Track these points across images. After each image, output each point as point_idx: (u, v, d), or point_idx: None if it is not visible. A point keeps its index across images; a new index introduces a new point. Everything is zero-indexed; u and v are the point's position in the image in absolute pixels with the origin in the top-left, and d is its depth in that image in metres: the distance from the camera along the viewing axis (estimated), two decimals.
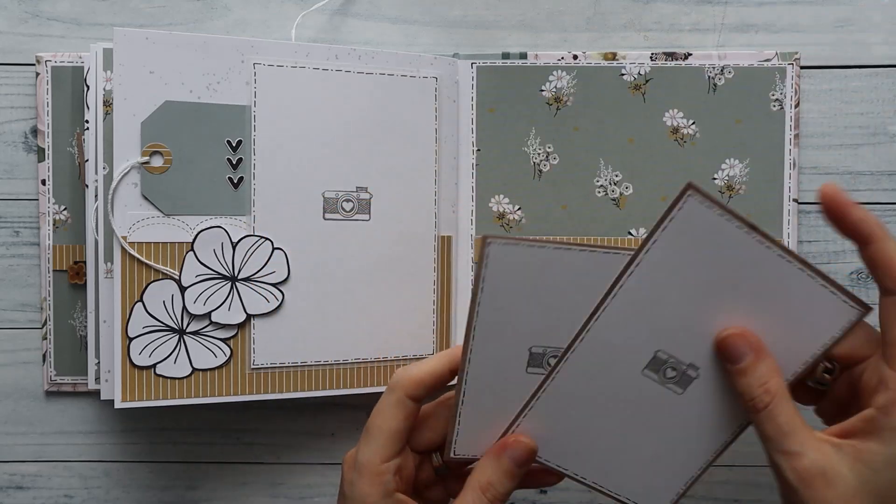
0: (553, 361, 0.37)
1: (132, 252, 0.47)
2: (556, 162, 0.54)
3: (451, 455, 0.40)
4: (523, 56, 0.54)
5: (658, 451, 0.39)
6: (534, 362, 0.37)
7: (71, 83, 0.53)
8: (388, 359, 0.52)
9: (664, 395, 0.37)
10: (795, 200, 0.53)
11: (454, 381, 0.38)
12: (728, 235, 0.34)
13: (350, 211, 0.50)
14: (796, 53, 0.53)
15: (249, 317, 0.49)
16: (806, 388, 0.38)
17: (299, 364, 0.50)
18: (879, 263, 0.35)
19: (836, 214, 0.36)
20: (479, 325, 0.35)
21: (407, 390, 0.39)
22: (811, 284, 0.35)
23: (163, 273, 0.47)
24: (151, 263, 0.47)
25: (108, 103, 0.49)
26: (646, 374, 0.37)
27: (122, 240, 0.47)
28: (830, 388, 0.38)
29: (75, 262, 0.53)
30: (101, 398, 0.49)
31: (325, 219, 0.50)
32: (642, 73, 0.54)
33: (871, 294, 0.53)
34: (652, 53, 0.54)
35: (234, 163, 0.48)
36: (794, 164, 0.53)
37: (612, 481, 0.40)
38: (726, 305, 0.35)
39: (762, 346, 0.36)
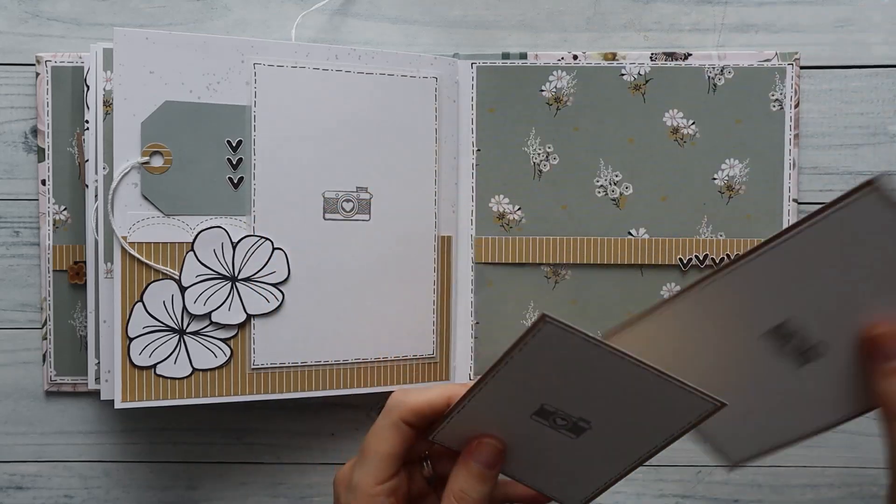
0: (560, 422, 0.37)
1: (132, 252, 0.47)
2: (556, 162, 0.54)
3: (433, 437, 0.40)
4: (523, 56, 0.54)
5: (750, 416, 0.38)
6: (542, 414, 0.37)
7: (71, 83, 0.53)
8: (388, 359, 0.52)
9: (774, 365, 0.36)
10: (795, 200, 0.53)
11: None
12: None
13: (350, 211, 0.50)
14: (796, 53, 0.53)
15: (249, 317, 0.49)
16: None
17: (299, 364, 0.50)
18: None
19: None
20: (504, 371, 0.35)
21: (402, 415, 0.39)
22: None
23: (163, 273, 0.47)
24: (151, 263, 0.47)
25: (108, 103, 0.49)
26: (764, 339, 0.36)
27: (122, 240, 0.47)
28: None
29: (75, 262, 0.53)
30: (101, 398, 0.49)
31: (325, 219, 0.50)
32: (642, 73, 0.54)
33: None
34: (652, 53, 0.54)
35: (234, 163, 0.48)
36: (794, 164, 0.53)
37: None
38: (884, 301, 0.34)
39: None
